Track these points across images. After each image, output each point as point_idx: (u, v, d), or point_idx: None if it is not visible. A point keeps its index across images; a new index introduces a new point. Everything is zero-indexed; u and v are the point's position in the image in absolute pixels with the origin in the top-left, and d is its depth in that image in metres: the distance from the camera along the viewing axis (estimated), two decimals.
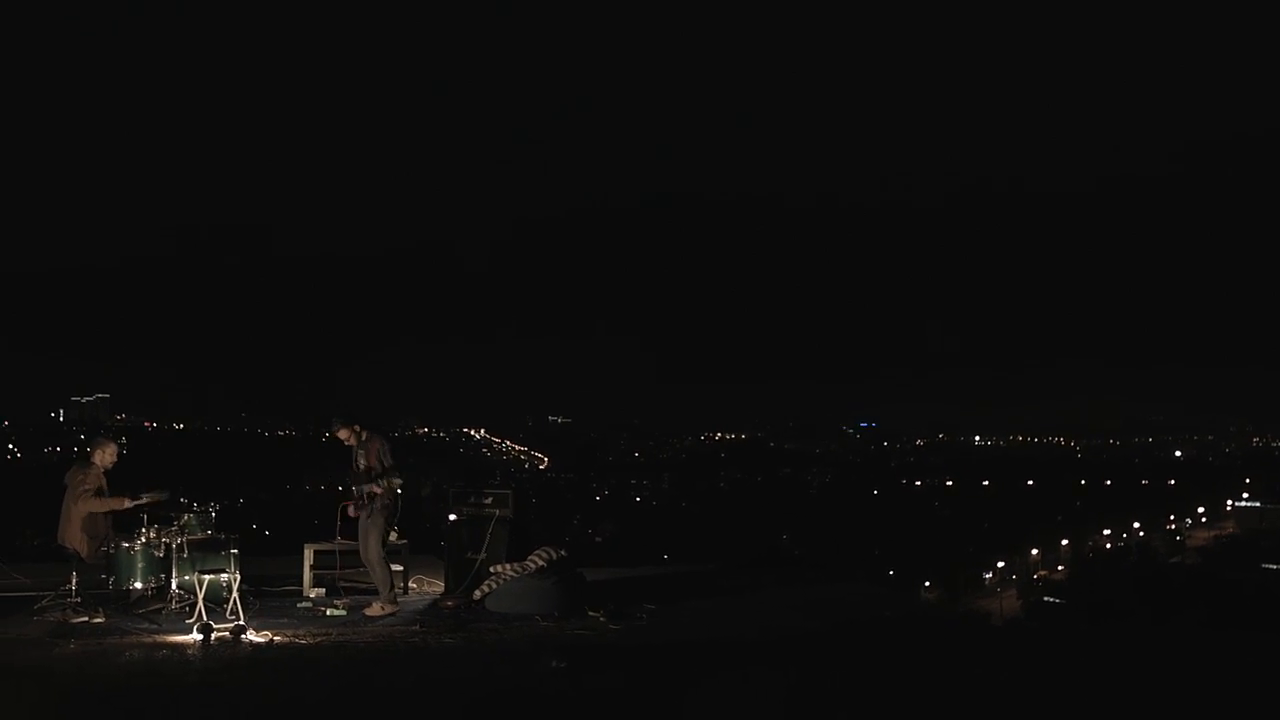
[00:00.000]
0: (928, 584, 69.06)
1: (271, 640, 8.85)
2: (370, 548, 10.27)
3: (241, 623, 9.04)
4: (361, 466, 10.46)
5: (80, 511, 10.33)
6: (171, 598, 9.88)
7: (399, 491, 10.65)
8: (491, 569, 10.69)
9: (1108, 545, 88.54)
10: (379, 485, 10.34)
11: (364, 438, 10.57)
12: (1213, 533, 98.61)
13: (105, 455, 10.82)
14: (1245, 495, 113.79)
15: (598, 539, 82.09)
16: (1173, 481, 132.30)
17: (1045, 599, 58.39)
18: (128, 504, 10.35)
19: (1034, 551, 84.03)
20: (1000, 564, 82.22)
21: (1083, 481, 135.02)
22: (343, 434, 10.69)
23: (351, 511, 10.44)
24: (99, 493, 10.45)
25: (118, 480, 10.95)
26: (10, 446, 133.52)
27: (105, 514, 10.45)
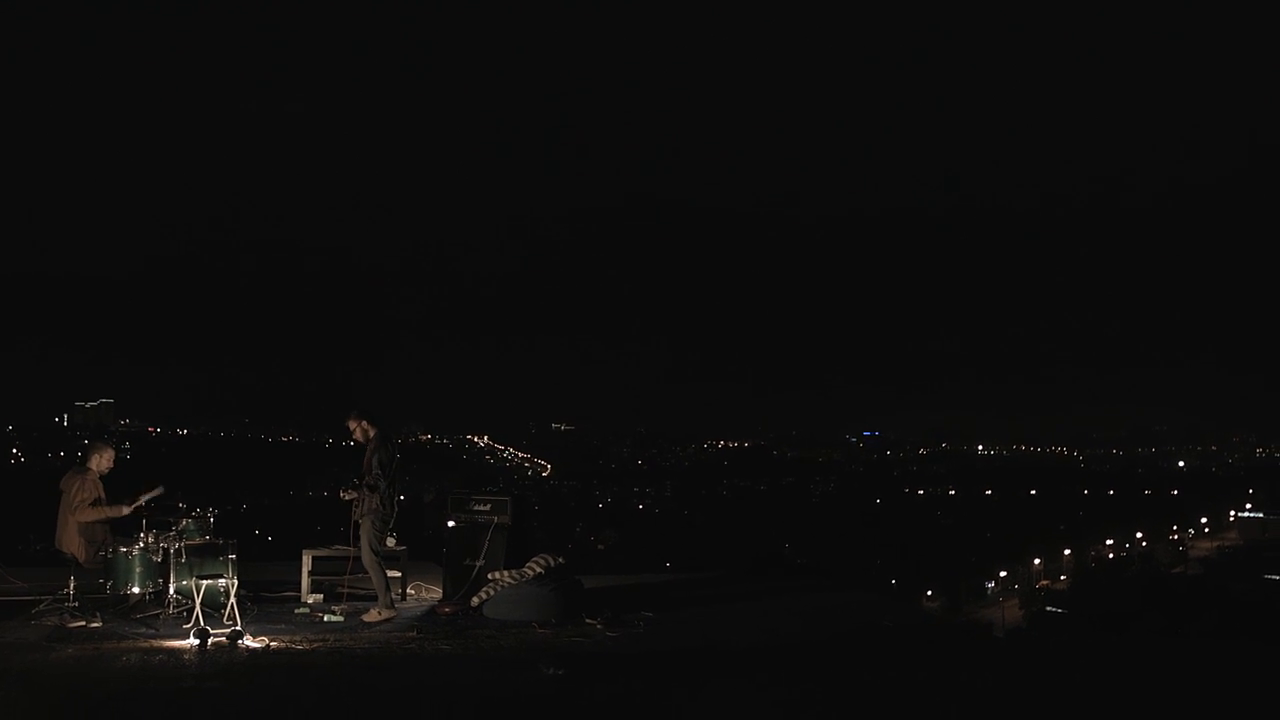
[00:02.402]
0: (930, 593, 69.10)
1: (268, 646, 8.84)
2: (362, 551, 10.32)
3: (238, 628, 9.01)
4: (363, 467, 10.54)
5: (79, 520, 10.36)
6: (169, 603, 9.88)
7: (400, 498, 10.68)
8: (489, 576, 10.69)
9: (1110, 555, 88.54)
10: (349, 491, 10.44)
11: (370, 435, 10.64)
12: (1216, 543, 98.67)
13: (102, 461, 10.83)
14: (1249, 506, 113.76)
15: (600, 546, 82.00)
16: (1176, 492, 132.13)
17: (1048, 609, 58.40)
18: (125, 510, 10.35)
19: (1036, 561, 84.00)
20: (1003, 573, 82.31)
21: (1086, 491, 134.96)
22: (351, 425, 10.76)
23: (343, 495, 10.54)
24: (96, 501, 10.46)
25: (115, 484, 10.96)
26: (14, 451, 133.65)
27: (104, 520, 10.47)
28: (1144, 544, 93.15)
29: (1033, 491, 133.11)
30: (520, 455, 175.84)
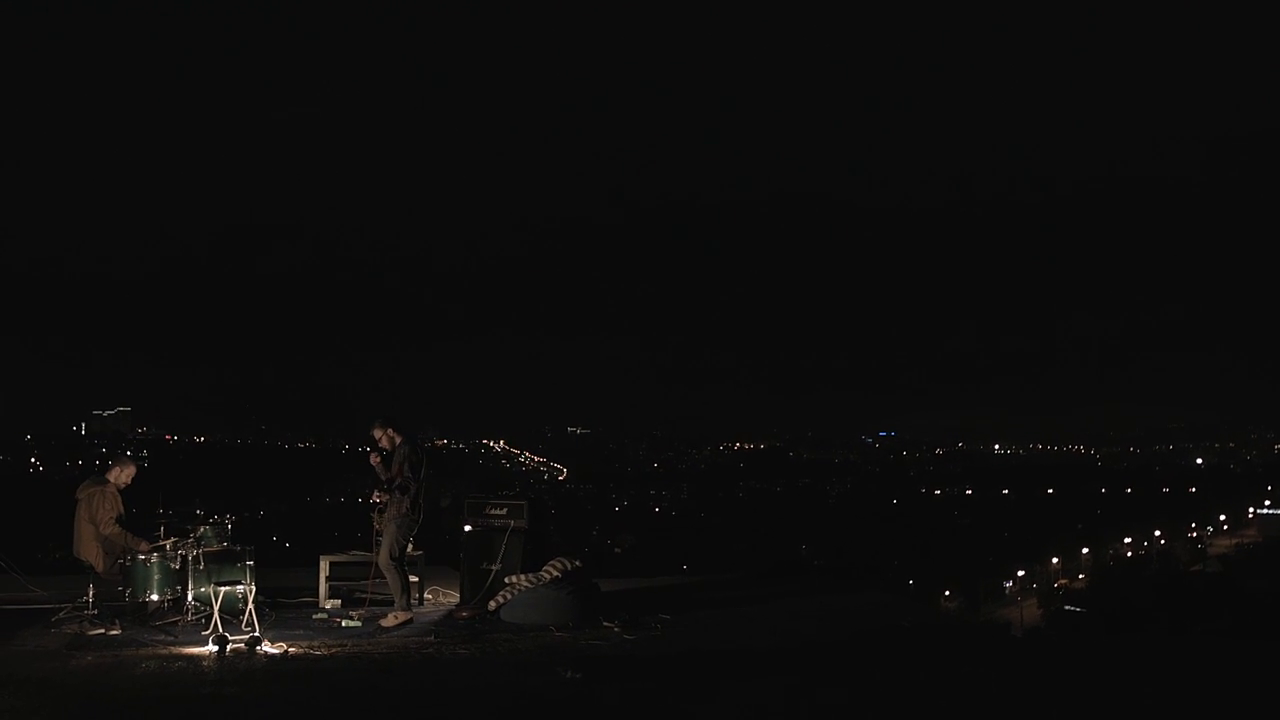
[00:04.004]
0: (948, 593, 68.85)
1: (286, 651, 8.86)
2: (379, 553, 10.37)
3: (257, 634, 9.05)
4: (393, 471, 10.59)
5: (102, 533, 10.45)
6: (187, 609, 9.93)
7: (420, 503, 10.71)
8: (506, 580, 10.70)
9: (1129, 554, 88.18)
10: (381, 493, 10.51)
11: (397, 442, 10.69)
12: (1235, 540, 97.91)
13: (122, 475, 10.94)
14: (1267, 503, 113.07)
15: (616, 550, 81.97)
16: (1194, 489, 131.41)
17: (1066, 608, 58.09)
18: (144, 547, 10.37)
19: (1054, 560, 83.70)
20: (1020, 573, 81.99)
21: (1103, 490, 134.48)
22: (377, 433, 10.82)
23: (375, 497, 10.65)
24: (119, 518, 10.56)
25: (136, 495, 11.04)
26: (32, 459, 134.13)
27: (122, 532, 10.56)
28: (1162, 542, 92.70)
29: (1050, 490, 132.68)
30: (536, 459, 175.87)
